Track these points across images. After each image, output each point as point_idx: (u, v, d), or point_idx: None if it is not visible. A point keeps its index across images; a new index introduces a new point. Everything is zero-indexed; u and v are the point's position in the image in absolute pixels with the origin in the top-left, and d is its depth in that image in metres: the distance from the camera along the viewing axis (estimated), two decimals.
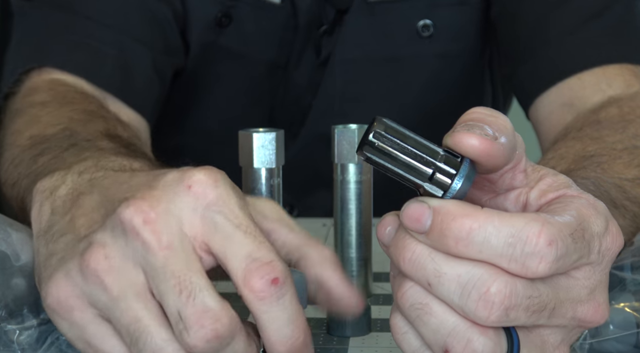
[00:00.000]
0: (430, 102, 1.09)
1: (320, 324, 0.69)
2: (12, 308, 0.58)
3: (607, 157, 0.76)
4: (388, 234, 0.50)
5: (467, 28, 1.07)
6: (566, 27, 0.95)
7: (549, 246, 0.46)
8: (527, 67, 0.97)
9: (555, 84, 0.94)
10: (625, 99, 0.88)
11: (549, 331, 0.50)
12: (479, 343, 0.48)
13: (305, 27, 1.04)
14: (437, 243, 0.48)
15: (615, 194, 0.71)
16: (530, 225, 0.47)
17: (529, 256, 0.46)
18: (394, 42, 1.06)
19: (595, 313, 0.50)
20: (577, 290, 0.49)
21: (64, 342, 0.57)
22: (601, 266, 0.50)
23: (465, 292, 0.47)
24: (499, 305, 0.47)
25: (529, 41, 0.97)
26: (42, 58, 0.92)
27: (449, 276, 0.47)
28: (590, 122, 0.85)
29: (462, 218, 0.47)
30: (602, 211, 0.50)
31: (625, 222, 0.69)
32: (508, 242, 0.47)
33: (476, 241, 0.47)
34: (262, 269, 0.49)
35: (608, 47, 0.93)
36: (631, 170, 0.75)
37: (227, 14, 1.03)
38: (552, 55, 0.95)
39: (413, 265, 0.48)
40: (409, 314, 0.49)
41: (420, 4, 1.05)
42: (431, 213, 0.47)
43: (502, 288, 0.47)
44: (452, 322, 0.48)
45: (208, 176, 0.51)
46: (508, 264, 0.47)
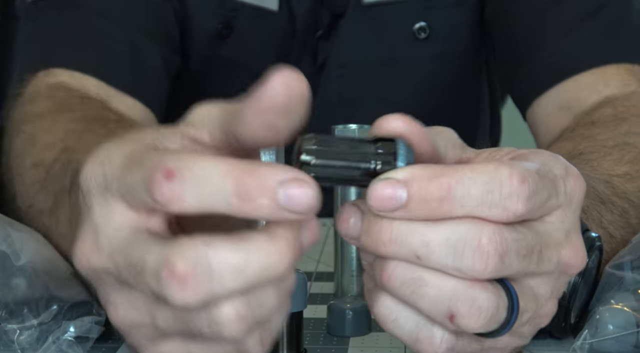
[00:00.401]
0: (428, 104, 1.09)
1: (320, 324, 0.69)
2: (12, 308, 0.58)
3: (597, 154, 0.77)
4: (353, 226, 0.49)
5: (463, 29, 1.07)
6: (562, 27, 0.94)
7: (522, 184, 0.47)
8: (523, 70, 0.96)
9: (552, 86, 0.93)
10: (620, 99, 0.88)
11: (539, 281, 0.50)
12: (483, 299, 0.47)
13: (303, 33, 1.04)
14: (419, 211, 0.46)
15: (603, 190, 0.71)
16: (500, 169, 0.47)
17: (507, 198, 0.46)
18: (390, 45, 1.06)
19: (576, 255, 0.50)
20: (556, 233, 0.49)
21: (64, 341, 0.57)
22: (571, 208, 0.50)
23: (458, 251, 0.46)
24: (494, 254, 0.46)
25: (525, 43, 0.97)
26: (51, 59, 0.91)
27: (437, 242, 0.47)
28: (584, 122, 0.85)
29: (439, 178, 0.46)
30: (558, 157, 0.51)
31: (613, 217, 0.70)
32: (486, 190, 0.46)
33: (458, 196, 0.46)
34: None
35: (605, 47, 0.93)
36: (621, 166, 0.75)
37: (227, 25, 1.03)
38: (549, 57, 0.94)
39: (396, 243, 0.47)
40: (401, 293, 0.48)
41: (415, 6, 1.05)
42: (404, 185, 0.46)
43: (492, 237, 0.46)
44: (450, 286, 0.47)
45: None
46: (489, 211, 0.47)
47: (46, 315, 0.59)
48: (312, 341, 0.66)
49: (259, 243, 0.44)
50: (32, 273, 0.59)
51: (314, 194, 0.44)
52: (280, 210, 0.44)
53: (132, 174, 0.46)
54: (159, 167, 0.44)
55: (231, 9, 1.02)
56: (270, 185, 0.44)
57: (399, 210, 0.47)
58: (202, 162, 0.44)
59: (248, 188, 0.44)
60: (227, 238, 0.44)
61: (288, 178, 0.44)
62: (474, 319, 0.47)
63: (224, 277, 0.44)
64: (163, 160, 0.44)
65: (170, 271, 0.43)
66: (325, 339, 0.67)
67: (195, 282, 0.43)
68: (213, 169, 0.44)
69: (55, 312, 0.59)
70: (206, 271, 0.44)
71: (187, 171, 0.44)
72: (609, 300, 0.60)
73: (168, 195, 0.44)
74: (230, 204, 0.44)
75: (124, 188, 0.46)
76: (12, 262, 0.59)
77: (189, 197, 0.44)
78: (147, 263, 0.45)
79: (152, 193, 0.44)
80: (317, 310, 0.73)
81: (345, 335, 0.67)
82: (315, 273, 0.81)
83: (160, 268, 0.44)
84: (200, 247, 0.44)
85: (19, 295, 0.59)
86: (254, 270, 0.44)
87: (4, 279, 0.59)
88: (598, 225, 0.68)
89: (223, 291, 0.44)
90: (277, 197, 0.44)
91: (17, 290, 0.59)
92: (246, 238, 0.45)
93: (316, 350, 0.65)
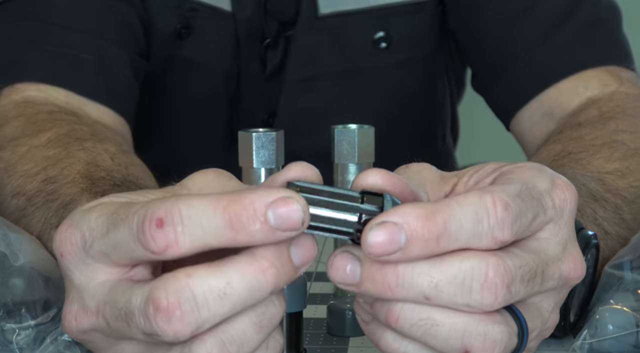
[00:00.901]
0: (396, 110, 1.09)
1: (320, 324, 0.69)
2: (11, 308, 0.58)
3: (586, 153, 0.77)
4: (351, 273, 0.47)
5: (423, 35, 1.06)
6: (536, 36, 0.94)
7: (505, 211, 0.47)
8: (502, 84, 0.96)
9: (534, 97, 0.93)
10: (604, 99, 0.88)
11: (542, 298, 0.50)
12: (496, 332, 0.47)
13: (246, 39, 1.04)
14: (418, 251, 0.46)
15: (595, 187, 0.71)
16: (483, 197, 0.47)
17: (495, 227, 0.47)
18: (350, 56, 1.06)
19: (575, 267, 0.50)
20: (552, 249, 0.49)
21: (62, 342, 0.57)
22: (563, 220, 0.50)
23: (466, 288, 0.46)
24: (502, 285, 0.46)
25: (499, 55, 0.96)
26: (18, 74, 0.90)
27: (445, 281, 0.46)
28: (571, 125, 0.86)
29: (434, 215, 0.46)
30: (544, 170, 0.51)
31: (607, 214, 0.70)
32: (475, 221, 0.46)
33: (453, 230, 0.46)
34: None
35: (581, 51, 0.93)
36: (612, 164, 0.75)
37: (186, 25, 1.02)
38: (526, 68, 0.94)
39: (403, 287, 0.46)
40: (412, 334, 0.48)
41: (372, 15, 1.04)
42: (401, 228, 0.46)
43: (497, 268, 0.46)
44: (461, 322, 0.47)
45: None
46: (480, 242, 0.47)
47: (44, 316, 0.59)
48: (312, 341, 0.66)
49: (239, 265, 0.45)
50: (30, 273, 0.59)
51: (303, 208, 0.45)
52: (273, 232, 0.45)
53: (117, 230, 0.46)
54: (147, 217, 0.45)
55: (189, 9, 1.02)
56: (259, 209, 0.44)
57: (397, 252, 0.46)
58: (190, 201, 0.45)
59: (238, 217, 0.44)
60: (208, 265, 0.45)
61: (275, 199, 0.44)
62: (489, 352, 0.47)
63: (209, 303, 0.44)
64: (150, 210, 0.45)
65: (156, 306, 0.44)
66: (325, 339, 0.67)
67: (181, 312, 0.44)
68: (201, 206, 0.44)
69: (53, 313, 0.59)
70: (190, 300, 0.44)
71: (177, 214, 0.44)
72: (608, 300, 0.60)
73: (163, 243, 0.45)
74: (225, 237, 0.45)
75: (107, 247, 0.47)
76: (10, 263, 0.59)
77: (183, 240, 0.44)
78: (133, 304, 0.45)
79: (147, 245, 0.45)
80: (317, 310, 0.72)
81: (345, 335, 0.67)
82: (315, 273, 0.81)
83: (146, 305, 0.45)
84: (181, 278, 0.44)
85: (17, 295, 0.59)
86: (238, 292, 0.45)
87: (2, 279, 0.59)
88: (592, 222, 0.68)
89: (210, 317, 0.45)
90: (268, 220, 0.44)
91: (16, 290, 0.59)
92: (226, 263, 0.45)
93: (316, 350, 0.65)
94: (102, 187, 0.72)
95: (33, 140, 0.81)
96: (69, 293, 0.49)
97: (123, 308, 0.46)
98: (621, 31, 0.96)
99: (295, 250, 0.46)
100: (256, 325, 0.47)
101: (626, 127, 0.82)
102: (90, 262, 0.48)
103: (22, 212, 0.74)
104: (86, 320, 0.48)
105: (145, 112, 1.05)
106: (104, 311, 0.47)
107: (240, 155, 0.69)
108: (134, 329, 0.46)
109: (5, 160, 0.81)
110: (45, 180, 0.75)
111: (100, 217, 0.48)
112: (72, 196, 0.71)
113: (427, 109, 1.12)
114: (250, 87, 1.06)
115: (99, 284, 0.48)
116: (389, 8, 1.04)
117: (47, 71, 0.90)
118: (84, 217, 0.48)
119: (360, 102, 1.08)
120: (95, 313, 0.48)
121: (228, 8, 1.02)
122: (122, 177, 0.75)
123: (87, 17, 0.93)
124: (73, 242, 0.48)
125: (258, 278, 0.45)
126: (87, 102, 0.90)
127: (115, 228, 0.46)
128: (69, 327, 0.49)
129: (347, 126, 0.71)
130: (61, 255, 0.48)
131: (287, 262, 0.46)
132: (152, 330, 0.45)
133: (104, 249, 0.47)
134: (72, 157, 0.77)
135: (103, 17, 0.94)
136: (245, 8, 1.02)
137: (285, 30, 1.04)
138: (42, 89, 0.89)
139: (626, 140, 0.79)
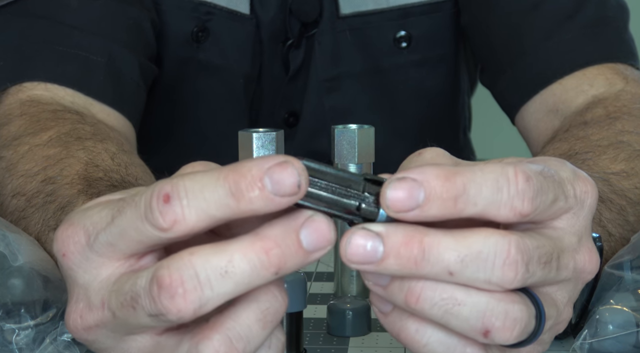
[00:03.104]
0: (417, 109, 1.10)
1: (320, 324, 0.69)
2: (10, 308, 0.58)
3: (592, 154, 0.77)
4: (372, 250, 0.46)
5: (442, 34, 1.07)
6: (541, 32, 0.95)
7: (526, 182, 0.46)
8: (507, 77, 0.97)
9: (537, 92, 0.94)
10: (610, 99, 0.88)
11: (556, 288, 0.50)
12: (516, 310, 0.47)
13: (270, 41, 1.04)
14: (437, 210, 0.46)
15: (601, 188, 0.71)
16: (505, 168, 0.47)
17: (515, 197, 0.46)
18: (372, 55, 1.07)
19: (590, 260, 0.50)
20: (568, 239, 0.49)
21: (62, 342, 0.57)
22: (583, 211, 0.50)
23: (489, 263, 0.46)
24: (522, 263, 0.46)
25: (505, 50, 0.97)
26: (27, 73, 0.90)
27: (471, 256, 0.46)
28: (577, 123, 0.86)
29: (454, 176, 0.46)
30: (565, 162, 0.51)
31: (612, 215, 0.70)
32: (496, 188, 0.46)
33: (471, 194, 0.46)
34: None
35: (586, 48, 0.93)
36: (617, 164, 0.75)
37: (203, 28, 1.03)
38: (531, 64, 0.95)
39: (429, 261, 0.46)
40: (433, 314, 0.47)
41: (393, 15, 1.05)
42: (420, 185, 0.45)
43: (518, 245, 0.46)
44: (483, 301, 0.47)
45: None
46: (499, 210, 0.46)
47: (43, 316, 0.59)
48: (312, 341, 0.66)
49: (242, 244, 0.45)
50: (29, 274, 0.59)
51: (299, 171, 0.44)
52: (271, 198, 0.44)
53: (123, 215, 0.46)
54: (154, 194, 0.45)
55: (206, 12, 1.02)
56: (256, 175, 0.44)
57: (415, 210, 0.46)
58: (194, 176, 0.45)
59: (237, 185, 0.44)
60: (212, 244, 0.45)
61: (271, 165, 0.44)
62: (509, 332, 0.47)
63: (211, 282, 0.44)
64: (157, 187, 0.45)
65: (159, 284, 0.44)
66: (325, 339, 0.67)
67: (184, 290, 0.44)
68: (204, 179, 0.45)
69: (52, 314, 0.59)
70: (193, 278, 0.44)
71: (182, 188, 0.44)
72: (608, 300, 0.60)
73: (171, 218, 0.45)
74: (228, 206, 0.44)
75: (113, 236, 0.47)
76: (9, 263, 0.59)
77: (189, 213, 0.44)
78: (139, 285, 0.45)
79: (155, 222, 0.45)
80: (317, 310, 0.72)
81: (345, 335, 0.67)
82: (315, 273, 0.81)
83: (151, 284, 0.45)
84: (184, 256, 0.44)
85: (17, 295, 0.59)
86: (240, 271, 0.44)
87: (2, 279, 0.59)
88: (597, 224, 0.68)
89: (213, 296, 0.44)
90: (265, 186, 0.44)
91: (15, 290, 0.59)
92: (230, 242, 0.45)
93: (316, 350, 0.65)
94: (99, 188, 0.72)
95: (35, 139, 0.81)
96: (72, 293, 0.49)
97: (129, 292, 0.46)
98: (627, 30, 0.96)
99: (306, 233, 0.45)
100: (260, 320, 0.46)
101: (632, 128, 0.82)
102: (94, 258, 0.48)
103: (21, 213, 0.74)
104: (91, 316, 0.48)
105: (161, 115, 1.05)
106: (109, 302, 0.47)
107: (241, 155, 0.69)
108: (139, 313, 0.45)
109: (7, 160, 0.81)
110: (44, 181, 0.75)
111: (103, 209, 0.47)
112: (69, 198, 0.71)
113: (448, 106, 1.13)
114: (271, 88, 1.06)
115: (104, 279, 0.48)
116: (408, 8, 1.05)
117: (56, 71, 0.90)
118: (84, 214, 0.48)
119: (382, 101, 1.09)
120: (101, 307, 0.47)
121: (246, 11, 1.03)
122: (121, 177, 0.75)
123: (99, 19, 0.94)
124: (76, 240, 0.48)
125: (261, 257, 0.44)
126: (94, 103, 0.91)
127: (121, 214, 0.46)
128: (74, 326, 0.49)
129: (347, 126, 0.71)
130: (63, 255, 0.48)
131: (295, 244, 0.45)
132: (156, 309, 0.45)
133: (109, 239, 0.47)
134: (72, 157, 0.77)
135: (115, 20, 0.95)
136: (269, 10, 1.03)
137: (307, 30, 1.05)
138: (49, 89, 0.90)
139: (632, 141, 0.79)
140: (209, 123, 1.08)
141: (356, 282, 0.74)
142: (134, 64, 0.95)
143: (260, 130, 0.69)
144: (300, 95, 1.07)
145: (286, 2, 1.03)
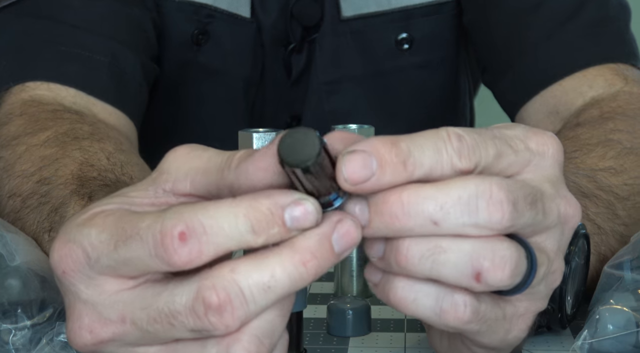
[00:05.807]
0: (419, 110, 1.10)
1: (320, 324, 0.69)
2: (7, 308, 0.58)
3: (580, 152, 0.77)
4: (361, 212, 0.48)
5: (445, 35, 1.07)
6: (542, 33, 0.94)
7: (459, 141, 0.47)
8: (507, 77, 0.97)
9: (537, 93, 0.94)
10: (606, 99, 0.88)
11: (544, 237, 0.50)
12: (504, 247, 0.47)
13: (271, 45, 1.04)
14: (391, 175, 0.47)
15: (585, 184, 0.71)
16: (439, 131, 0.48)
17: (452, 155, 0.47)
18: (374, 58, 1.06)
19: (571, 204, 0.51)
20: (542, 186, 0.50)
21: (58, 343, 0.57)
22: (546, 161, 0.50)
23: (472, 206, 0.46)
24: (507, 201, 0.47)
25: (506, 50, 0.97)
26: (30, 72, 0.90)
27: (451, 202, 0.46)
28: (570, 125, 0.86)
29: (397, 141, 0.47)
30: (518, 124, 0.52)
31: (599, 210, 0.70)
32: (435, 148, 0.47)
33: (417, 155, 0.47)
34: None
35: (586, 49, 0.93)
36: (605, 162, 0.75)
37: (203, 31, 1.03)
38: (531, 64, 0.95)
39: (410, 215, 0.47)
40: (422, 269, 0.47)
41: (394, 17, 1.05)
42: (370, 154, 0.46)
43: (500, 185, 0.47)
44: (468, 246, 0.47)
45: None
46: (443, 169, 0.47)
47: (40, 316, 0.59)
48: (312, 341, 0.66)
49: (281, 258, 0.46)
50: (26, 274, 0.59)
51: (315, 208, 0.46)
52: (289, 232, 0.46)
53: (128, 247, 0.46)
54: (167, 233, 0.45)
55: (207, 15, 1.03)
56: (277, 214, 0.45)
57: (371, 179, 0.46)
58: (206, 211, 0.45)
59: (260, 223, 0.45)
60: (249, 258, 0.46)
61: (289, 202, 0.45)
62: (501, 270, 0.47)
63: (255, 297, 0.45)
64: (168, 224, 0.45)
65: (207, 304, 0.45)
66: (325, 339, 0.66)
67: (232, 307, 0.45)
68: (220, 215, 0.45)
69: (49, 314, 0.59)
70: (239, 295, 0.45)
71: (199, 226, 0.45)
72: (608, 300, 0.60)
73: (186, 257, 0.45)
74: (247, 242, 0.46)
75: (117, 263, 0.47)
76: (6, 263, 0.59)
77: (207, 249, 0.45)
78: (178, 303, 0.46)
79: (169, 260, 0.45)
80: (317, 310, 0.72)
81: (345, 335, 0.67)
82: None
83: (195, 304, 0.45)
84: (226, 274, 0.45)
85: (13, 295, 0.59)
86: (281, 285, 0.46)
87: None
88: (585, 218, 0.68)
89: (256, 309, 0.46)
90: (285, 222, 0.45)
91: (12, 290, 0.59)
92: (268, 256, 0.46)
93: (316, 350, 0.64)
94: (91, 187, 0.72)
95: (32, 139, 0.81)
96: (73, 309, 0.49)
97: (164, 309, 0.46)
98: (629, 30, 0.96)
99: (337, 237, 0.47)
100: (281, 316, 0.48)
101: (623, 126, 0.82)
102: (95, 276, 0.48)
103: (17, 214, 0.74)
104: (107, 330, 0.48)
105: (162, 117, 1.05)
106: (133, 317, 0.47)
107: None
108: (179, 328, 0.46)
109: (5, 160, 0.81)
110: (39, 181, 0.75)
111: (103, 232, 0.47)
112: (62, 199, 0.71)
113: (450, 107, 1.13)
114: (274, 93, 1.06)
115: (113, 294, 0.48)
116: (410, 10, 1.05)
117: (59, 71, 0.90)
118: (81, 232, 0.48)
119: (383, 104, 1.09)
120: (120, 322, 0.47)
121: (247, 14, 1.03)
122: (115, 177, 0.75)
123: (101, 19, 0.94)
124: (75, 258, 0.48)
125: (300, 270, 0.46)
126: (96, 102, 0.91)
127: (125, 245, 0.46)
128: (83, 342, 0.48)
129: (347, 126, 0.71)
130: (63, 272, 0.48)
131: (329, 251, 0.46)
132: (202, 326, 0.45)
133: (112, 264, 0.47)
134: (67, 157, 0.77)
135: (117, 20, 0.95)
136: (270, 14, 1.03)
137: (309, 34, 1.05)
138: (52, 88, 0.90)
139: (622, 139, 0.79)
140: (210, 125, 1.08)
141: (356, 282, 0.74)
142: (136, 64, 0.95)
143: (260, 130, 0.69)
144: (302, 99, 1.07)
145: (287, 6, 1.03)
